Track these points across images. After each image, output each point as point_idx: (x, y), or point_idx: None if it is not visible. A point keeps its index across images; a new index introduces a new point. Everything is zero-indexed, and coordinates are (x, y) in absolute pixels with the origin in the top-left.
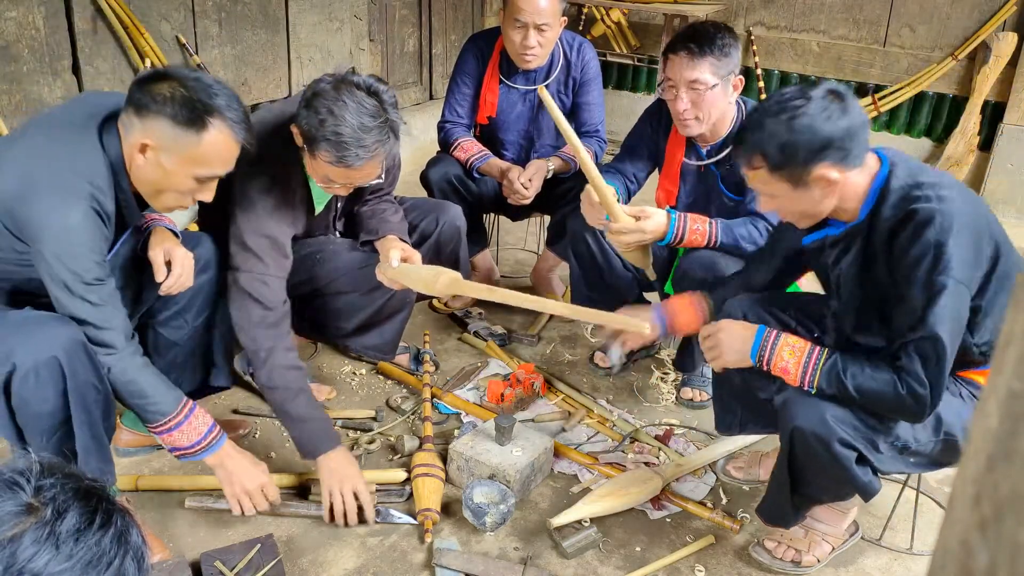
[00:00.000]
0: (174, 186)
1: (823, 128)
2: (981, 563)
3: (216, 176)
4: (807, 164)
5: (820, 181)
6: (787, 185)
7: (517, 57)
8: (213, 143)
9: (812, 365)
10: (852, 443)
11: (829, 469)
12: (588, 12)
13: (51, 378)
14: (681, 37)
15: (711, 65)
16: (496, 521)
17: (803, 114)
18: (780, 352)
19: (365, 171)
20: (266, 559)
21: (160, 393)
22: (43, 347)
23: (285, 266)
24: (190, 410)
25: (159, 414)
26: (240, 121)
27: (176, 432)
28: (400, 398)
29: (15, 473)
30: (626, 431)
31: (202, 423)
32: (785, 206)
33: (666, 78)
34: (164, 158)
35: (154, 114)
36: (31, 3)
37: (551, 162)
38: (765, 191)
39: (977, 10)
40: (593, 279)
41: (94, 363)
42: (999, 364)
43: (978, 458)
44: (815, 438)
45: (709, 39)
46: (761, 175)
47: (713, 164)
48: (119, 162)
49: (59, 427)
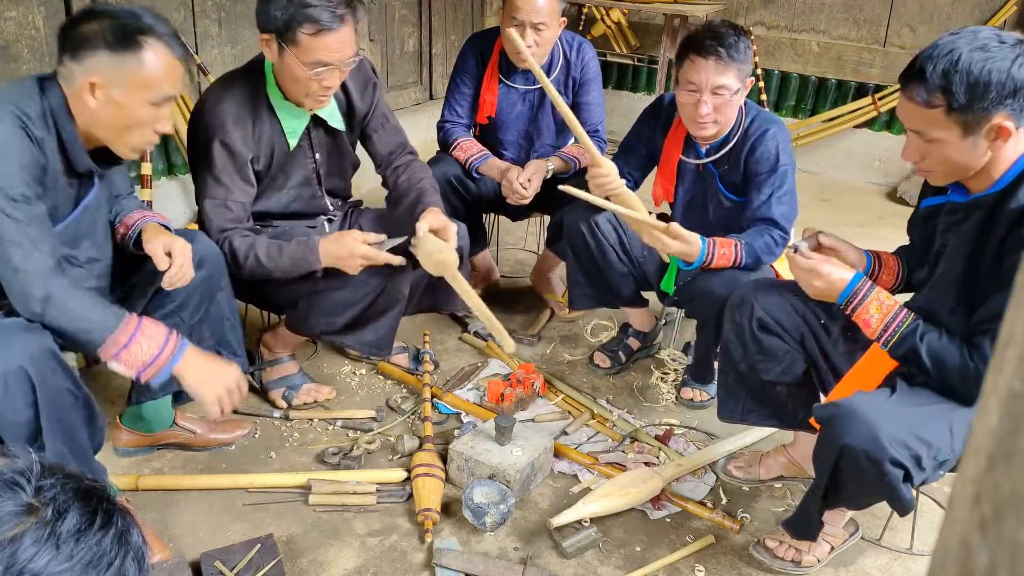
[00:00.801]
0: (134, 119)
1: (1018, 73)
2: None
3: (168, 97)
4: (990, 109)
5: (993, 131)
6: (959, 131)
7: (513, 56)
8: (154, 61)
9: (895, 326)
10: (902, 462)
11: (875, 487)
12: (588, 12)
13: (20, 389)
14: (706, 40)
15: (737, 71)
16: (496, 521)
17: (1001, 57)
18: (868, 305)
19: (343, 36)
20: (266, 559)
21: (100, 313)
22: (10, 358)
23: (248, 192)
24: (138, 323)
25: (107, 330)
26: (172, 36)
27: (133, 347)
28: (400, 398)
29: (15, 473)
30: (626, 431)
31: (156, 332)
32: (941, 155)
33: (688, 81)
34: (115, 92)
35: (90, 51)
36: (31, 3)
37: (551, 162)
38: (930, 135)
39: (977, 10)
40: (590, 273)
41: (66, 368)
42: (999, 364)
43: (978, 458)
44: (866, 457)
45: (735, 45)
46: (935, 116)
47: (711, 163)
48: (60, 107)
49: (37, 436)
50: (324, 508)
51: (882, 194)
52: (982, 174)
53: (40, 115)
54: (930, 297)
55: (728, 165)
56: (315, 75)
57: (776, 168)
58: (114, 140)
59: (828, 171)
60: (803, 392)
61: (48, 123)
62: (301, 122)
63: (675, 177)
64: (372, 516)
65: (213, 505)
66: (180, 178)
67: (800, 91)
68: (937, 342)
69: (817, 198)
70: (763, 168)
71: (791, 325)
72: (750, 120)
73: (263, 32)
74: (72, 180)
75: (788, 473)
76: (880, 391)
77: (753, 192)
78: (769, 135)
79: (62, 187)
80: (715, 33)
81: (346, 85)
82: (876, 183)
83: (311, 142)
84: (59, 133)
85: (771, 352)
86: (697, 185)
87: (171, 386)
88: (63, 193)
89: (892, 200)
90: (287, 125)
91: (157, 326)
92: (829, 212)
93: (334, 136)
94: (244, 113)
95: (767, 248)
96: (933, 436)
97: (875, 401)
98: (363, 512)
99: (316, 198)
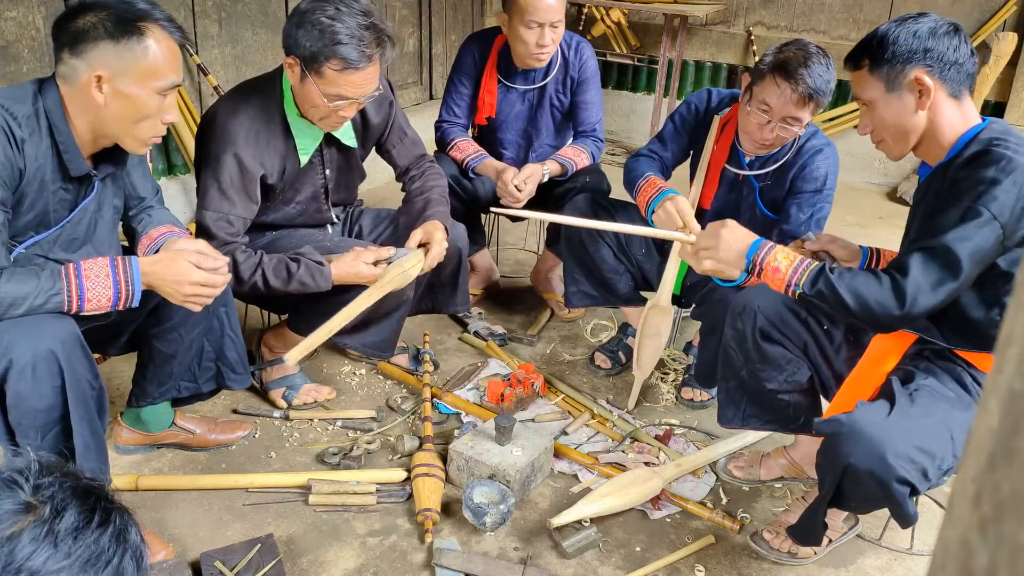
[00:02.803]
0: (144, 110)
1: (928, 38)
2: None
3: (173, 85)
4: (905, 64)
5: (914, 85)
6: (881, 86)
7: (529, 57)
8: (157, 47)
9: (802, 267)
10: (909, 479)
11: (880, 502)
12: (588, 12)
13: (48, 373)
14: (799, 69)
15: (815, 106)
16: (496, 521)
17: (915, 22)
18: (776, 254)
19: (369, 75)
20: (266, 559)
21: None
22: (40, 342)
23: (252, 209)
24: (76, 271)
25: (56, 293)
26: (169, 21)
27: (88, 293)
28: (400, 398)
29: (14, 472)
30: (626, 431)
31: (99, 267)
32: (880, 120)
33: (763, 101)
34: (122, 83)
35: (91, 43)
36: (31, 3)
37: (547, 165)
38: (863, 97)
39: (977, 10)
40: (586, 271)
41: (90, 359)
42: (999, 364)
43: (979, 457)
44: (871, 477)
45: (826, 85)
46: (862, 75)
47: (753, 176)
48: (56, 109)
49: (55, 424)
50: (324, 508)
51: (882, 194)
52: (934, 146)
53: (29, 116)
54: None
55: (772, 181)
56: (334, 107)
57: (822, 190)
58: (124, 134)
59: None
60: (805, 398)
61: (39, 125)
62: (314, 140)
63: (716, 182)
64: (372, 516)
65: (213, 505)
66: (180, 178)
67: None
68: (853, 277)
69: None
70: (809, 187)
71: (794, 332)
72: (806, 139)
73: (288, 54)
74: (68, 184)
75: (788, 474)
76: (880, 404)
77: (793, 208)
78: (822, 156)
79: (54, 191)
80: (809, 62)
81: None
82: (876, 183)
83: (323, 159)
84: (53, 136)
85: (774, 361)
86: (732, 194)
87: (171, 391)
88: (56, 197)
89: (892, 200)
90: (300, 143)
91: (96, 264)
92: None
93: (345, 153)
94: (258, 127)
95: None
96: (936, 446)
97: (877, 418)
98: (363, 512)
99: (322, 212)
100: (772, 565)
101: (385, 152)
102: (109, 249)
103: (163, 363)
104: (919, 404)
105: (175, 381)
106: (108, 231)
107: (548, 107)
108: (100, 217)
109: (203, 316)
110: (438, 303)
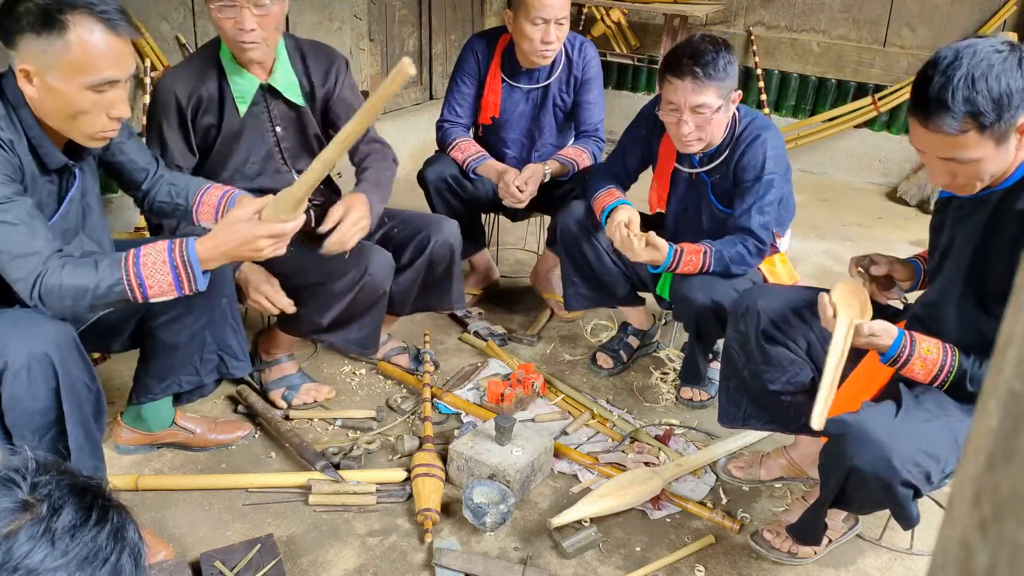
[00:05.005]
0: (74, 106)
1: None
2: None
3: (110, 80)
4: (1016, 116)
5: (1020, 130)
6: (992, 145)
7: (535, 54)
8: (84, 43)
9: (942, 379)
10: (913, 483)
11: (882, 504)
12: (588, 12)
13: (43, 375)
14: (683, 59)
15: (716, 88)
16: (496, 521)
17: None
18: (912, 366)
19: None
20: (266, 559)
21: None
22: (35, 344)
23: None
24: (136, 255)
25: (117, 284)
26: (112, 12)
27: (148, 280)
28: (400, 398)
29: (11, 471)
30: (626, 431)
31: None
32: (975, 170)
33: (667, 101)
34: (48, 78)
35: (18, 35)
36: None
37: (548, 166)
38: (964, 157)
39: (977, 10)
40: (584, 274)
41: (86, 360)
42: (999, 364)
43: (978, 458)
44: (877, 480)
45: (713, 63)
46: (968, 140)
47: (704, 173)
48: (17, 98)
49: (51, 425)
50: (324, 508)
51: (882, 194)
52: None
53: (4, 116)
54: (939, 289)
55: (720, 175)
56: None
57: (761, 176)
58: (66, 128)
59: (828, 171)
60: (807, 399)
61: (14, 123)
62: (251, 87)
63: (669, 185)
64: (372, 516)
65: (213, 505)
66: None
67: (800, 91)
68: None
69: (817, 198)
70: (748, 176)
71: (797, 334)
72: (743, 127)
73: None
74: (51, 177)
75: (788, 474)
76: (886, 406)
77: (737, 200)
78: (758, 142)
79: (41, 185)
80: (693, 51)
81: (307, 65)
82: (876, 183)
83: (270, 114)
84: (26, 133)
85: (777, 362)
86: (690, 194)
87: (173, 386)
88: (44, 191)
89: (892, 200)
90: (236, 89)
91: (154, 249)
92: (829, 212)
93: (297, 112)
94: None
95: (739, 258)
96: (941, 451)
97: (884, 420)
98: (363, 512)
99: (280, 172)
100: (772, 565)
101: (331, 124)
102: (102, 234)
103: (166, 355)
104: (925, 407)
105: (177, 375)
106: (98, 217)
107: (551, 107)
108: (87, 205)
109: (206, 306)
110: (432, 302)
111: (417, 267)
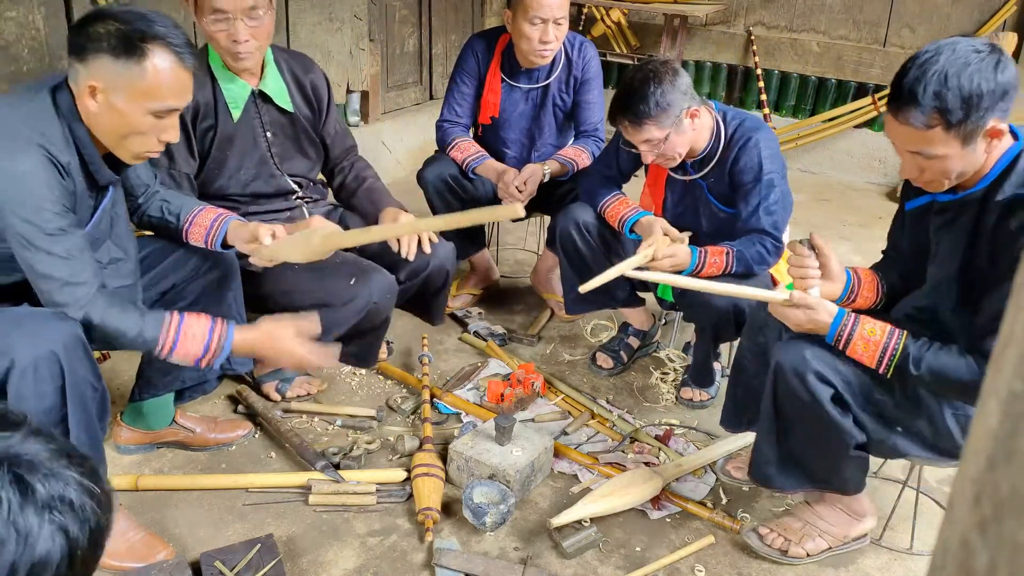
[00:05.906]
0: (133, 127)
1: (1002, 78)
2: (981, 563)
3: (172, 109)
4: (985, 117)
5: (988, 134)
6: (959, 143)
7: (533, 54)
8: (158, 71)
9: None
10: (828, 378)
11: (807, 409)
12: (588, 12)
13: (49, 374)
14: (617, 106)
15: (654, 123)
16: (496, 521)
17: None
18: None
19: None
20: (266, 559)
21: (138, 323)
22: (42, 343)
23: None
24: (179, 321)
25: (152, 341)
26: (183, 47)
27: (179, 348)
28: (400, 398)
29: None
30: (626, 431)
31: (199, 327)
32: (942, 167)
33: (630, 144)
34: (115, 98)
35: (93, 54)
36: (31, 3)
37: (547, 166)
38: (931, 152)
39: (977, 10)
40: (584, 276)
41: (92, 361)
42: (999, 364)
43: (978, 458)
44: (793, 372)
45: (643, 101)
46: (935, 135)
47: (699, 177)
48: (72, 115)
49: (55, 425)
50: (324, 508)
51: (882, 194)
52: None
53: (60, 133)
54: (932, 297)
55: (715, 178)
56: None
57: (761, 177)
58: (115, 146)
59: (828, 171)
60: None
61: (70, 144)
62: (243, 93)
63: (663, 191)
64: (372, 516)
65: (213, 505)
66: None
67: (800, 91)
68: (935, 359)
69: (817, 198)
70: (748, 178)
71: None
72: (733, 129)
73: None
74: (92, 192)
75: None
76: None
77: (741, 203)
78: (751, 144)
79: (83, 200)
80: (626, 91)
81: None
82: (876, 183)
83: (262, 121)
84: (80, 151)
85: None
86: (687, 197)
87: (176, 382)
88: (83, 206)
89: (892, 200)
90: (228, 94)
91: (197, 323)
92: (829, 212)
93: (287, 117)
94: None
95: (759, 257)
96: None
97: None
98: (363, 512)
99: (275, 177)
100: (772, 565)
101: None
102: (127, 242)
103: None
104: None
105: (181, 370)
106: (123, 223)
107: (551, 106)
108: (116, 214)
109: (212, 302)
110: (417, 308)
111: (412, 286)
